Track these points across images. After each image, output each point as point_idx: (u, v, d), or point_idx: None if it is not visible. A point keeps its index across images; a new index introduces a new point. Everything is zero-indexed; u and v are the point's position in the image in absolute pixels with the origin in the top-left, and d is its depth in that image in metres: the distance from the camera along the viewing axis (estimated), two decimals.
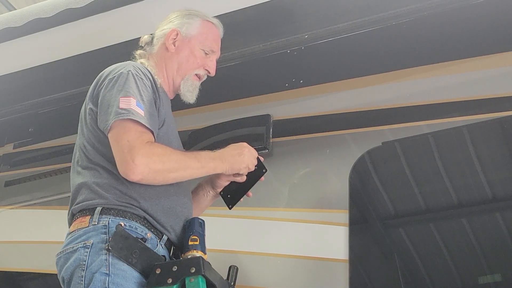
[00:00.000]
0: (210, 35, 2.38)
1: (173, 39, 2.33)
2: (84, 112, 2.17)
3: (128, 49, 2.98)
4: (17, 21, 3.37)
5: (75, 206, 2.05)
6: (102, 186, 2.01)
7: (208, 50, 2.36)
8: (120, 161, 1.94)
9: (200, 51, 2.34)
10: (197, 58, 2.34)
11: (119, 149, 1.95)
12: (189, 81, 2.32)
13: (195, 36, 2.34)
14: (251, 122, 2.98)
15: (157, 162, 1.96)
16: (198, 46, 2.34)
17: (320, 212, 2.69)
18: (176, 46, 2.32)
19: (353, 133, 2.79)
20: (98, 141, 2.06)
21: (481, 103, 2.62)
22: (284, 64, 3.05)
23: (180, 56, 2.32)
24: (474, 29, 2.73)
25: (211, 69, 2.36)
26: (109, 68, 2.17)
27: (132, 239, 1.93)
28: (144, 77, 2.11)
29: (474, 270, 2.83)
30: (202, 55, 2.35)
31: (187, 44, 2.33)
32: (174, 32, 2.33)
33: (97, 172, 2.04)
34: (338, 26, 2.96)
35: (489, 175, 2.82)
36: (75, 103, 3.51)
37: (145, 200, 2.02)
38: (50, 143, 3.59)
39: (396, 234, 2.96)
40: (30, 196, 3.50)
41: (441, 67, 2.73)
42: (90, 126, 2.09)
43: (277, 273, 2.65)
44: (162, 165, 1.97)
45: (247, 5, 3.02)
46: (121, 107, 1.97)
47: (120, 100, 1.99)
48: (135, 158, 1.91)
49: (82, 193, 2.04)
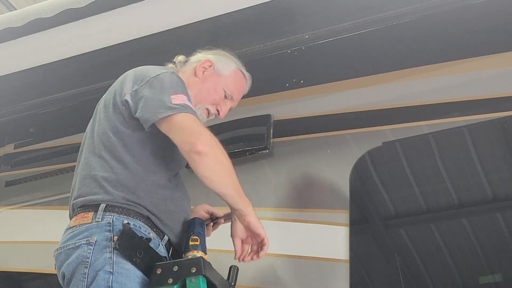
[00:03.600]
0: (237, 83, 2.41)
1: (204, 67, 2.36)
2: (111, 101, 2.14)
3: (128, 49, 2.99)
4: (18, 21, 3.37)
5: (77, 199, 2.04)
6: (111, 181, 2.00)
7: (228, 94, 2.37)
8: (189, 135, 1.95)
9: (222, 91, 2.36)
10: (217, 95, 2.35)
11: (186, 130, 1.96)
12: (199, 110, 2.33)
13: (224, 76, 2.37)
14: (251, 122, 2.99)
15: (220, 148, 1.99)
16: (222, 85, 2.36)
17: (320, 212, 2.69)
18: (204, 75, 2.35)
19: (354, 133, 2.79)
20: (125, 132, 2.05)
21: (481, 103, 2.62)
22: (284, 64, 3.05)
23: (203, 85, 2.33)
24: (474, 29, 2.74)
25: (222, 112, 2.38)
26: (145, 67, 2.18)
27: (138, 238, 1.93)
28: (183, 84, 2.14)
29: (474, 270, 2.83)
30: (222, 95, 2.36)
31: (214, 78, 2.35)
32: (209, 63, 2.36)
33: (107, 164, 2.02)
34: (338, 26, 2.97)
35: (489, 175, 2.82)
36: (75, 103, 3.52)
37: (152, 200, 2.02)
38: (51, 143, 3.60)
39: (396, 234, 2.97)
40: (31, 196, 3.51)
41: (441, 67, 2.73)
42: (121, 115, 2.08)
43: (277, 273, 2.65)
44: (222, 153, 1.99)
45: (247, 5, 3.02)
46: (174, 102, 1.98)
47: (171, 97, 2.00)
48: (206, 133, 1.95)
49: (88, 185, 2.03)
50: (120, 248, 1.89)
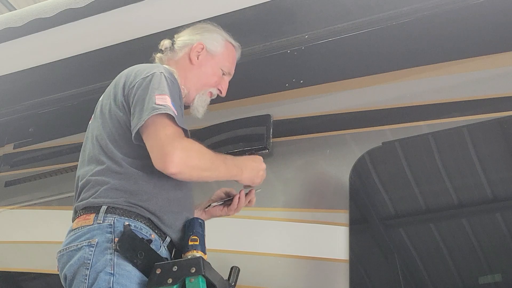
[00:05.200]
0: (230, 57, 2.44)
1: (197, 52, 2.36)
2: (107, 106, 2.14)
3: (128, 49, 2.99)
4: (17, 21, 3.37)
5: (79, 202, 2.05)
6: (113, 185, 2.00)
7: (226, 71, 2.41)
8: (158, 155, 1.94)
9: (219, 70, 2.39)
10: (216, 76, 2.38)
11: (157, 143, 1.95)
12: (204, 96, 2.37)
13: (218, 55, 2.39)
14: (251, 122, 2.99)
15: (194, 157, 1.98)
16: (219, 65, 2.39)
17: (320, 212, 2.69)
18: (199, 60, 2.36)
19: (353, 133, 2.79)
20: (122, 137, 2.06)
21: (481, 103, 2.62)
22: (284, 64, 3.05)
23: (201, 70, 2.36)
24: (474, 29, 2.73)
25: (224, 90, 2.42)
26: (138, 66, 2.18)
27: (139, 240, 1.93)
28: (175, 82, 2.14)
29: (474, 270, 2.83)
30: (220, 75, 2.40)
31: (210, 61, 2.37)
32: (200, 46, 2.37)
33: (108, 170, 2.03)
34: (338, 26, 2.96)
35: (489, 175, 2.82)
36: (75, 103, 3.52)
37: (154, 202, 2.02)
38: (50, 143, 3.59)
39: (396, 234, 2.97)
40: (30, 196, 3.50)
41: (441, 67, 2.73)
42: (116, 121, 2.08)
43: (277, 273, 2.65)
44: (198, 161, 2.00)
45: (247, 5, 3.02)
46: (157, 103, 1.98)
47: (156, 97, 1.99)
48: (175, 151, 1.93)
49: (88, 190, 2.04)
50: (120, 250, 1.89)
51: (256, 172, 2.22)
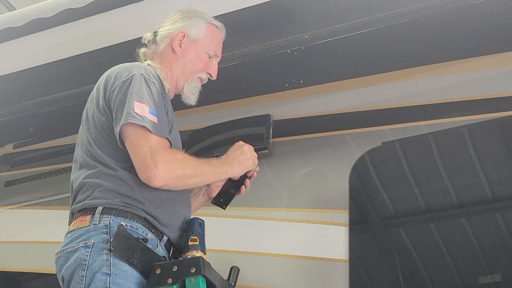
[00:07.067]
0: (214, 39, 2.41)
1: (179, 40, 2.34)
2: (91, 111, 2.15)
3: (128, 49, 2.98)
4: (17, 21, 3.37)
5: (75, 205, 2.05)
6: (105, 187, 2.01)
7: (212, 54, 2.39)
8: (142, 167, 1.95)
9: (205, 55, 2.37)
10: (202, 61, 2.37)
11: (141, 155, 1.95)
12: (192, 83, 2.36)
13: (201, 40, 2.37)
14: (251, 122, 2.99)
15: (178, 168, 1.99)
16: (203, 50, 2.37)
17: (320, 212, 2.69)
18: (182, 48, 2.34)
19: (353, 133, 2.79)
20: (108, 142, 2.06)
21: (481, 103, 2.62)
22: (284, 64, 3.05)
23: (186, 58, 2.34)
24: (474, 29, 2.73)
25: (214, 73, 2.40)
26: (118, 67, 2.16)
27: (134, 239, 1.93)
28: (156, 81, 2.12)
29: (474, 270, 2.83)
30: (207, 59, 2.38)
31: (193, 47, 2.36)
32: (181, 34, 2.35)
33: (100, 172, 2.03)
34: (338, 26, 2.96)
35: (489, 175, 2.82)
36: (75, 103, 3.51)
37: (150, 203, 2.03)
38: (50, 143, 3.59)
39: (396, 234, 2.96)
40: (30, 196, 3.50)
41: (441, 67, 2.73)
42: (100, 126, 2.09)
43: (277, 273, 2.65)
44: (183, 171, 2.00)
45: (247, 5, 3.02)
46: (135, 111, 1.97)
47: (134, 104, 1.98)
48: (158, 164, 1.93)
49: (83, 192, 2.04)
50: (115, 250, 1.90)
51: (243, 158, 2.20)
